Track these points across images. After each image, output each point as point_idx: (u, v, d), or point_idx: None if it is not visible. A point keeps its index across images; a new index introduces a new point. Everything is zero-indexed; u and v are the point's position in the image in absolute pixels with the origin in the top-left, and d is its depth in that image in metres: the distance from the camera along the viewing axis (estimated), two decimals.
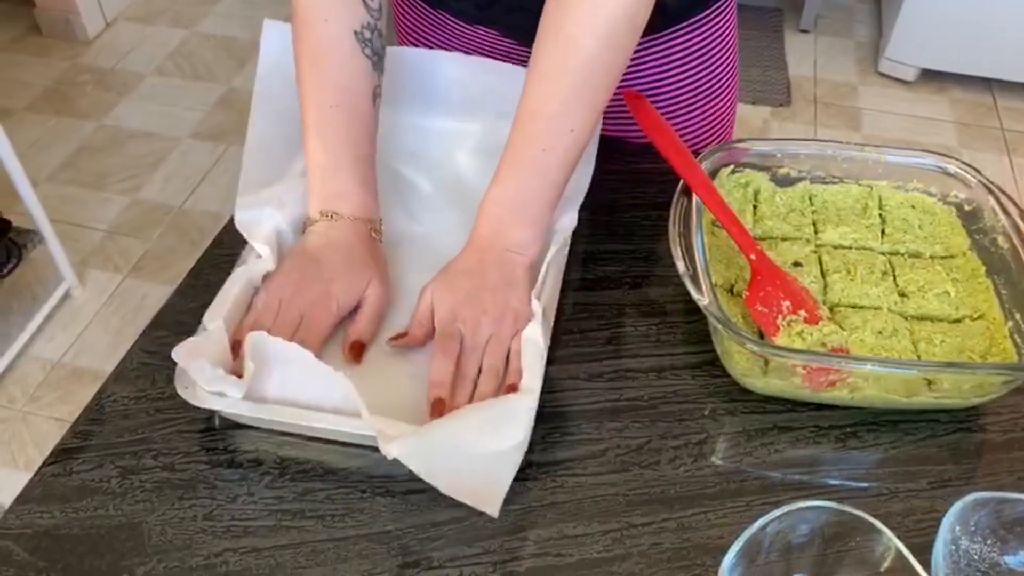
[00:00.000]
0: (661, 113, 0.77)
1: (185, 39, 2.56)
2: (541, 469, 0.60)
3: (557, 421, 0.63)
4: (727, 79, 0.90)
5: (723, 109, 0.92)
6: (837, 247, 0.72)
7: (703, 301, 0.61)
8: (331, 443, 0.61)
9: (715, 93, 0.89)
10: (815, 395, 0.63)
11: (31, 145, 2.17)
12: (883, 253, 0.71)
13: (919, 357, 0.64)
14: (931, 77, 2.42)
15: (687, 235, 0.66)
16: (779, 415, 0.64)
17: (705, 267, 0.64)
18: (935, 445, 0.63)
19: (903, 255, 0.71)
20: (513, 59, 0.87)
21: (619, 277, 0.73)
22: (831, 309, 0.67)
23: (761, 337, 0.64)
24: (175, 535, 0.56)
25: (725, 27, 0.87)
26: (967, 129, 2.30)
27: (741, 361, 0.63)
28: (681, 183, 0.69)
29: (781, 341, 0.63)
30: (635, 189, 0.81)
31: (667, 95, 0.87)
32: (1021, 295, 0.65)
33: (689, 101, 0.88)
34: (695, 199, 0.68)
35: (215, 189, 2.08)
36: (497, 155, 0.68)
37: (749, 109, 2.32)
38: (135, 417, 0.62)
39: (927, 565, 0.49)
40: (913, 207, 0.74)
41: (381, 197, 0.73)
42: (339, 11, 0.68)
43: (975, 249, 0.70)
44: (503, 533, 0.57)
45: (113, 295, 1.84)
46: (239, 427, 0.62)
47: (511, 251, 0.66)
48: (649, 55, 0.84)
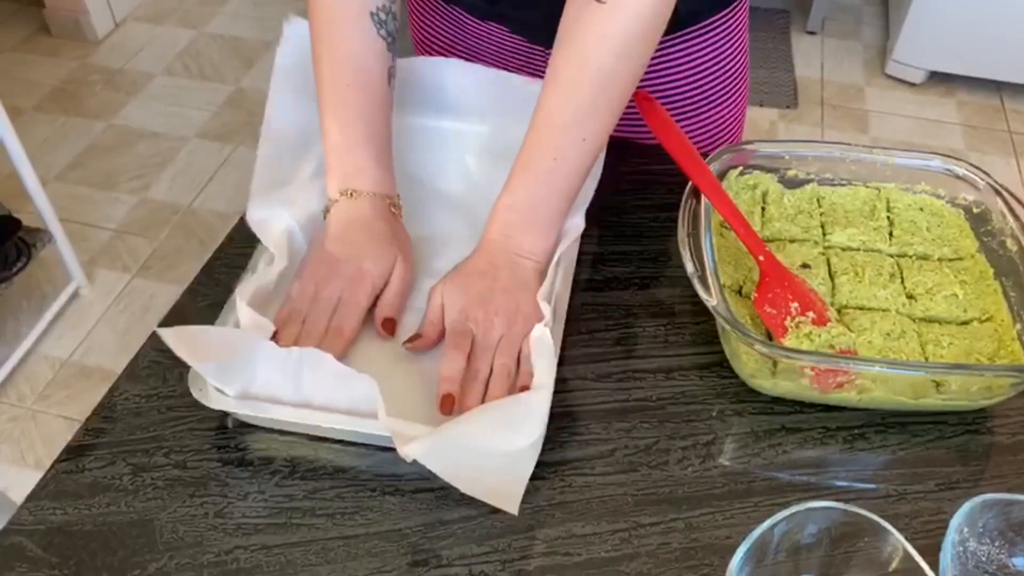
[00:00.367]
0: (672, 115, 0.77)
1: (194, 39, 2.57)
2: (550, 469, 0.60)
3: (566, 421, 0.63)
4: (738, 82, 0.91)
5: (733, 112, 0.92)
6: (845, 249, 0.72)
7: (712, 302, 0.61)
8: (341, 443, 0.61)
9: (726, 96, 0.90)
10: (823, 396, 0.63)
11: (40, 144, 2.18)
12: (891, 255, 0.72)
13: (927, 359, 0.64)
14: (939, 79, 2.41)
15: (696, 236, 0.66)
16: (787, 416, 0.64)
17: (714, 268, 0.64)
18: (943, 447, 0.63)
19: (911, 257, 0.71)
20: (523, 57, 0.88)
21: (627, 278, 0.74)
22: (839, 311, 0.67)
23: (769, 338, 0.65)
24: (186, 532, 0.57)
25: (736, 30, 0.87)
26: (975, 132, 2.30)
27: (749, 362, 0.63)
28: (690, 184, 0.70)
29: (789, 342, 0.63)
30: (643, 190, 0.81)
31: (678, 97, 0.87)
32: None
33: (700, 103, 0.88)
34: (704, 200, 0.68)
35: (223, 189, 2.09)
36: (505, 157, 0.68)
37: (756, 111, 2.32)
38: (147, 415, 0.63)
39: (935, 566, 0.49)
40: (921, 209, 0.74)
41: None
42: None
43: (983, 251, 0.70)
44: (512, 532, 0.57)
45: (121, 294, 1.84)
46: (249, 426, 0.62)
47: (521, 256, 0.67)
48: (661, 57, 0.85)
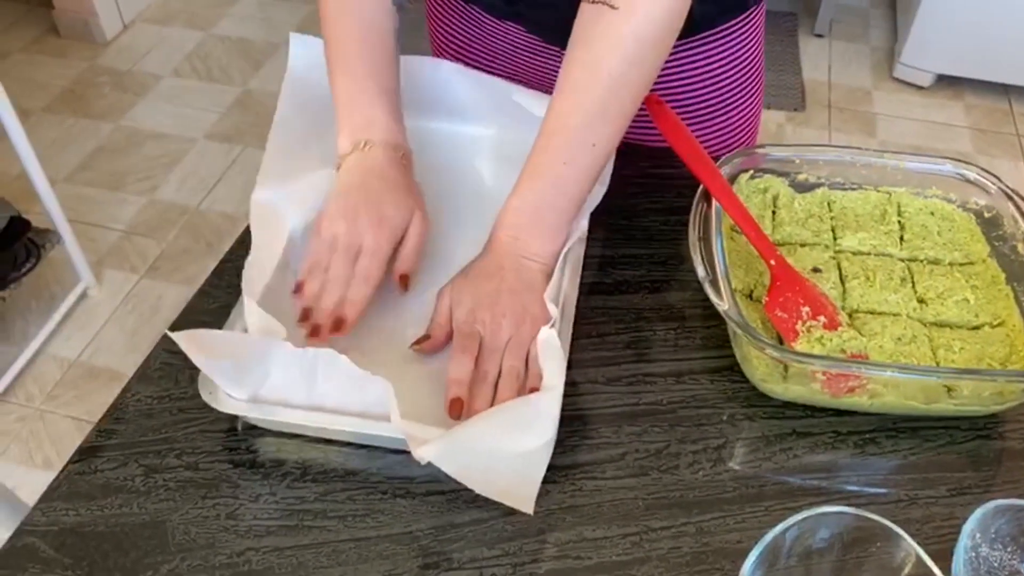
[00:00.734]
0: (686, 119, 0.77)
1: (201, 41, 2.57)
2: (560, 472, 0.60)
3: (576, 425, 0.63)
4: (753, 87, 0.91)
5: (748, 116, 0.92)
6: (856, 253, 0.72)
7: (723, 306, 0.61)
8: (352, 445, 0.61)
9: (741, 100, 0.90)
10: (834, 401, 0.63)
11: (49, 145, 2.19)
12: (902, 259, 0.72)
13: (938, 364, 0.64)
14: (947, 83, 2.41)
15: (707, 240, 0.66)
16: (798, 420, 0.64)
17: (725, 272, 0.64)
18: (954, 452, 0.63)
19: (922, 261, 0.71)
20: (540, 56, 0.88)
21: (638, 281, 0.74)
22: (850, 315, 0.67)
23: (780, 343, 0.65)
24: (198, 534, 0.57)
25: (752, 36, 0.87)
26: (983, 135, 2.29)
27: (760, 366, 0.63)
28: (700, 188, 0.70)
29: (800, 347, 0.63)
30: (653, 193, 0.82)
31: (693, 101, 0.87)
32: None
33: (716, 108, 0.88)
34: (714, 204, 0.68)
35: (231, 190, 2.09)
36: (512, 159, 0.68)
37: (763, 113, 2.31)
38: (158, 416, 0.63)
39: (947, 572, 0.49)
40: (932, 213, 0.74)
41: None
42: None
43: (995, 256, 0.70)
44: (523, 535, 0.57)
45: (129, 295, 1.85)
46: (260, 428, 0.62)
47: (528, 258, 0.67)
48: (677, 61, 0.85)
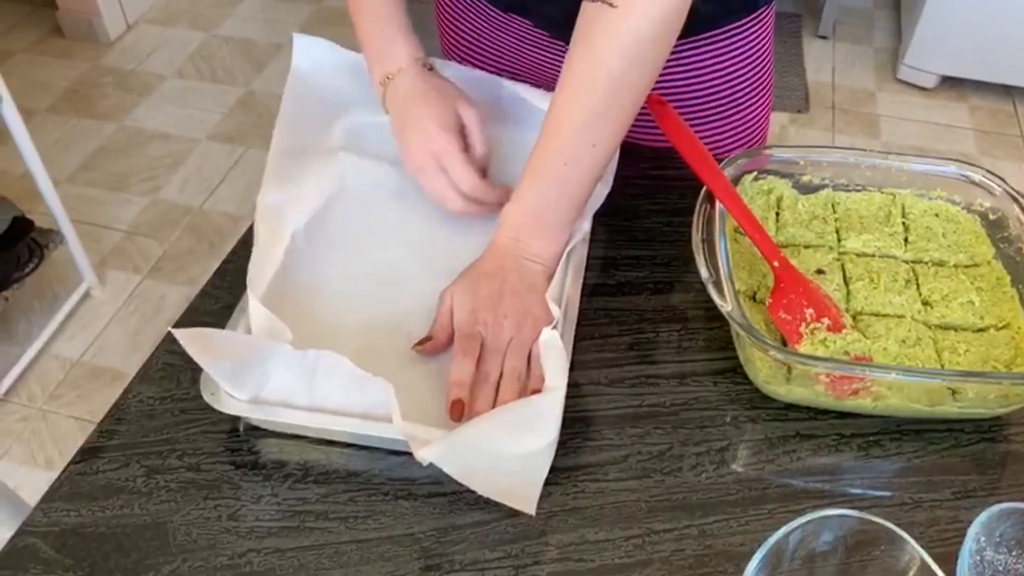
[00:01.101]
0: (694, 119, 0.77)
1: (205, 41, 2.58)
2: (563, 474, 0.60)
3: (579, 426, 0.63)
4: (762, 88, 0.90)
5: (757, 117, 0.91)
6: (860, 255, 0.72)
7: (726, 308, 0.61)
8: (353, 446, 0.61)
9: (750, 101, 0.89)
10: (838, 403, 0.63)
11: (52, 146, 2.19)
12: (906, 261, 0.71)
13: (943, 367, 0.63)
14: (951, 84, 2.40)
15: (710, 241, 0.66)
16: (801, 423, 0.64)
17: (728, 274, 0.64)
18: (959, 455, 0.62)
19: (927, 263, 0.71)
20: (547, 51, 0.87)
21: (640, 283, 0.73)
22: (854, 317, 0.67)
23: (784, 344, 0.64)
24: (200, 535, 0.57)
25: (762, 36, 0.87)
26: (987, 136, 2.29)
27: (764, 368, 0.63)
28: (704, 189, 0.69)
29: (804, 349, 0.63)
30: (656, 194, 0.81)
31: (702, 101, 0.87)
32: None
33: (724, 108, 0.88)
34: (718, 205, 0.68)
35: (233, 191, 2.10)
36: (515, 162, 0.68)
37: None
38: (160, 417, 0.63)
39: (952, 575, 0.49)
40: (937, 215, 0.74)
41: (398, 204, 0.75)
42: None
43: (1000, 258, 0.70)
44: (525, 537, 0.57)
45: (132, 295, 1.85)
46: (262, 429, 0.62)
47: (530, 260, 0.67)
48: (685, 60, 0.84)
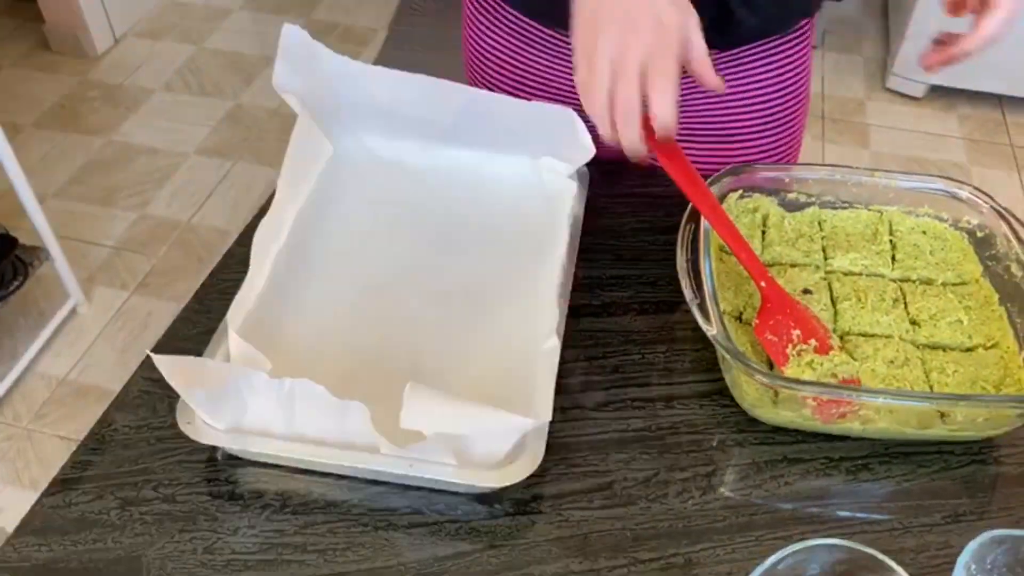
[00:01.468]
0: (725, 137, 0.75)
1: (193, 55, 2.57)
2: (547, 502, 0.59)
3: (563, 452, 0.62)
4: (799, 103, 0.89)
5: (792, 133, 0.90)
6: (847, 274, 0.71)
7: (711, 331, 0.60)
8: (333, 475, 0.60)
9: (787, 116, 0.88)
10: (826, 426, 0.62)
11: (39, 161, 2.18)
12: (894, 280, 0.70)
13: (931, 387, 0.63)
14: (940, 93, 2.41)
15: (695, 262, 0.65)
16: (789, 446, 0.63)
17: (713, 294, 0.63)
18: (949, 478, 0.62)
19: (914, 282, 0.70)
20: (561, 48, 0.86)
21: (626, 303, 0.73)
22: (841, 337, 0.66)
23: (771, 367, 0.63)
24: (175, 569, 0.55)
25: (803, 49, 0.85)
26: (976, 145, 2.29)
27: (750, 391, 0.62)
28: (689, 208, 0.69)
29: (791, 371, 0.62)
30: (642, 212, 0.80)
31: (739, 115, 0.86)
32: None
33: (757, 126, 0.87)
34: (703, 224, 0.67)
35: (222, 205, 2.08)
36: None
37: None
38: (136, 447, 0.62)
39: None
40: (924, 233, 0.73)
41: (383, 224, 0.73)
42: None
43: (988, 276, 0.69)
44: (508, 568, 0.56)
45: (119, 312, 1.83)
46: (240, 459, 0.61)
47: None
48: (726, 71, 0.83)
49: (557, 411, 0.62)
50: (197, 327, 0.69)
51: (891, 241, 0.73)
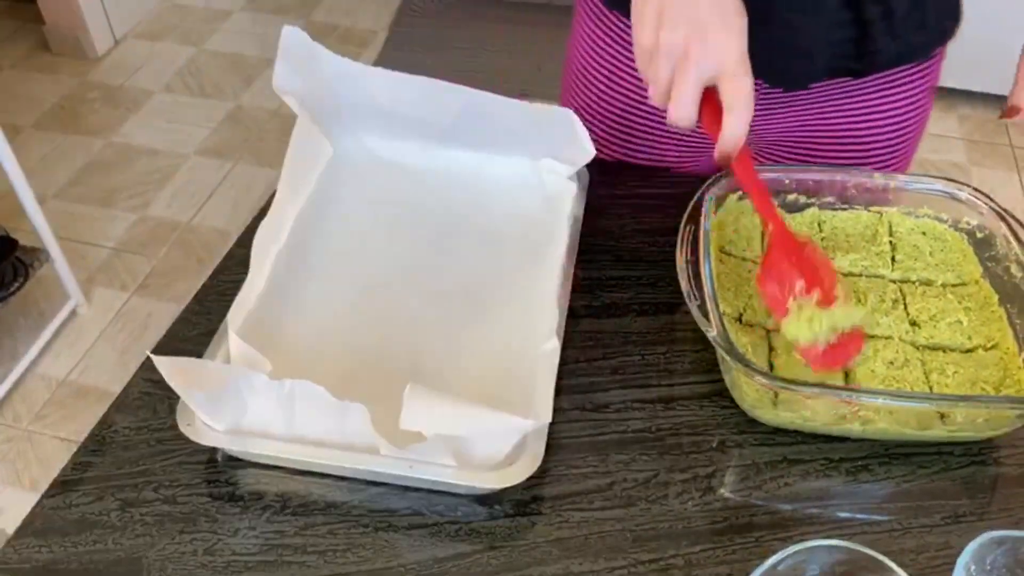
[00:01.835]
0: (849, 158, 0.77)
1: (193, 56, 2.57)
2: (546, 504, 0.59)
3: (562, 454, 0.62)
4: (916, 133, 0.88)
5: (903, 161, 0.90)
6: (847, 274, 0.71)
7: (711, 332, 0.60)
8: (333, 477, 0.60)
9: (902, 145, 0.87)
10: (825, 427, 0.62)
11: (39, 162, 2.18)
12: (894, 281, 0.70)
13: (931, 388, 0.63)
14: (939, 94, 2.39)
15: (695, 263, 0.65)
16: (789, 447, 0.63)
17: (713, 295, 0.63)
18: (949, 479, 0.62)
19: (914, 283, 0.70)
20: None
21: (625, 304, 0.73)
22: None
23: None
24: (175, 570, 0.55)
25: (931, 79, 0.85)
26: (976, 146, 2.29)
27: (750, 392, 0.62)
28: (688, 209, 0.68)
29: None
30: (641, 214, 0.80)
31: (862, 141, 0.85)
32: None
33: (880, 149, 0.86)
34: (703, 225, 0.67)
35: (222, 206, 2.09)
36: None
37: None
38: (136, 448, 0.62)
39: None
40: (924, 234, 0.73)
41: (382, 225, 0.73)
42: None
43: (988, 277, 0.69)
44: (508, 569, 0.56)
45: (119, 313, 1.84)
46: (240, 460, 0.61)
47: None
48: (849, 99, 0.83)
49: (557, 412, 0.62)
50: (197, 328, 0.69)
51: (891, 242, 0.73)
